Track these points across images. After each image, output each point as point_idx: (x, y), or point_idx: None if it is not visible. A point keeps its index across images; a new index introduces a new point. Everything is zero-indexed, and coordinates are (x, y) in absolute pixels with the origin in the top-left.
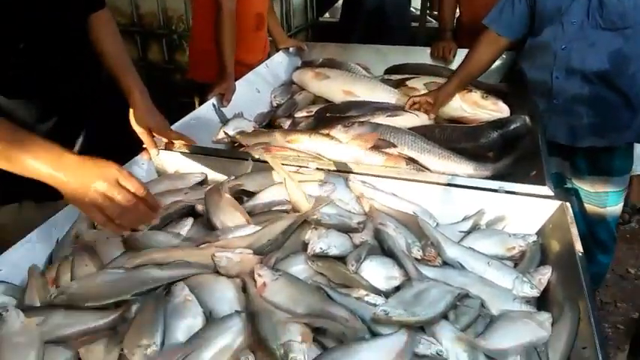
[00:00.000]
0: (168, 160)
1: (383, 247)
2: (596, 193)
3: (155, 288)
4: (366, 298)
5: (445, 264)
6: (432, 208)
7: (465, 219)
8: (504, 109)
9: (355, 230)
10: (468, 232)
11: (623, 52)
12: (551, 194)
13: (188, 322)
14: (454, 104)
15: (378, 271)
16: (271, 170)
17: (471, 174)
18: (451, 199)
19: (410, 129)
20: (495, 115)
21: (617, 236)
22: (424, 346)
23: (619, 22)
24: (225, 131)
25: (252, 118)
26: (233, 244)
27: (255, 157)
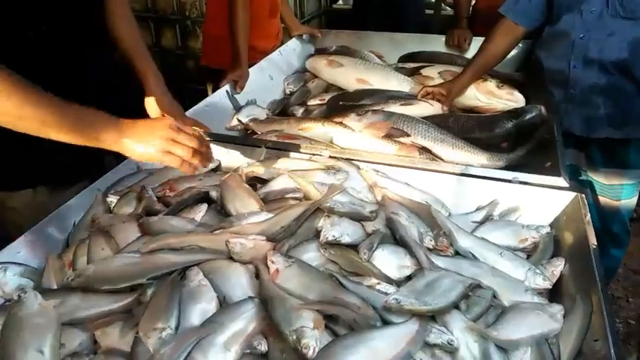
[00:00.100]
0: None
1: (395, 236)
2: (611, 185)
3: (170, 272)
4: (378, 286)
5: (457, 254)
6: (445, 198)
7: (478, 209)
8: (520, 98)
9: (367, 219)
10: (480, 223)
11: None
12: (567, 185)
13: (202, 307)
14: (469, 93)
15: (389, 260)
16: (284, 157)
17: (485, 164)
18: (464, 189)
19: (424, 118)
20: (510, 105)
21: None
22: (435, 336)
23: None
24: (239, 118)
25: (265, 105)
26: (247, 230)
27: (269, 145)
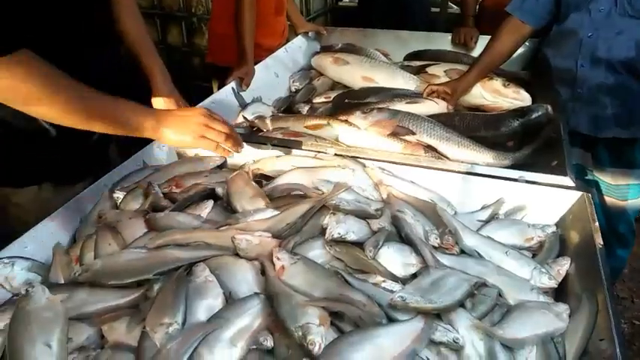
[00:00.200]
0: None
1: (400, 234)
2: (617, 185)
3: (176, 268)
4: (383, 284)
5: (463, 252)
6: (451, 196)
7: (484, 208)
8: (526, 97)
9: (373, 216)
10: (486, 222)
11: None
12: (573, 185)
13: (209, 302)
14: (475, 92)
15: (395, 258)
16: (289, 155)
17: (491, 163)
18: (470, 187)
19: (429, 116)
20: (516, 104)
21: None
22: (441, 333)
23: None
24: (244, 115)
25: (270, 102)
26: (253, 227)
27: (274, 142)
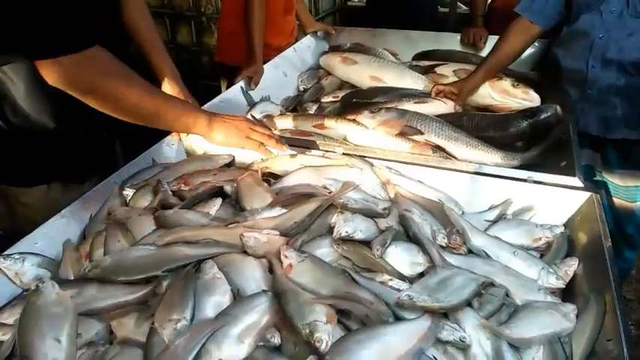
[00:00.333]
0: (197, 142)
1: (408, 234)
2: (626, 187)
3: (185, 265)
4: (390, 282)
5: (470, 252)
6: (459, 196)
7: (492, 208)
8: (535, 98)
9: (380, 215)
10: (494, 222)
11: None
12: (581, 185)
13: (217, 299)
14: (483, 92)
15: (402, 257)
16: (298, 154)
17: (499, 163)
18: (478, 188)
19: (437, 116)
20: (525, 104)
21: None
22: (447, 332)
23: None
24: (252, 114)
25: (278, 101)
26: (261, 224)
27: (282, 141)
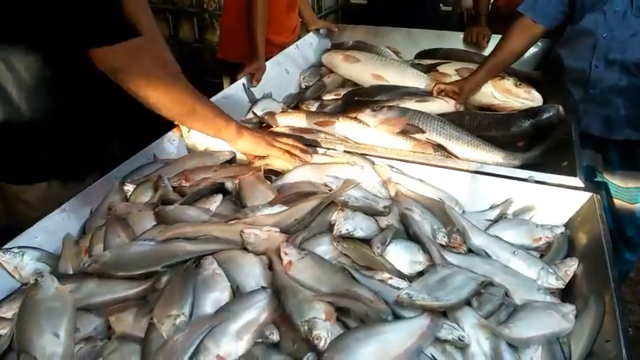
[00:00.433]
0: (198, 138)
1: (408, 232)
2: (627, 188)
3: (185, 261)
4: (390, 281)
5: (470, 251)
6: (459, 195)
7: (493, 207)
8: (537, 97)
9: (381, 214)
10: (494, 221)
11: None
12: (582, 186)
13: (216, 295)
14: (486, 91)
15: (402, 255)
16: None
17: (500, 163)
18: (479, 187)
19: (439, 115)
20: (528, 104)
21: None
22: (446, 331)
23: None
24: (254, 111)
25: (280, 99)
26: (261, 221)
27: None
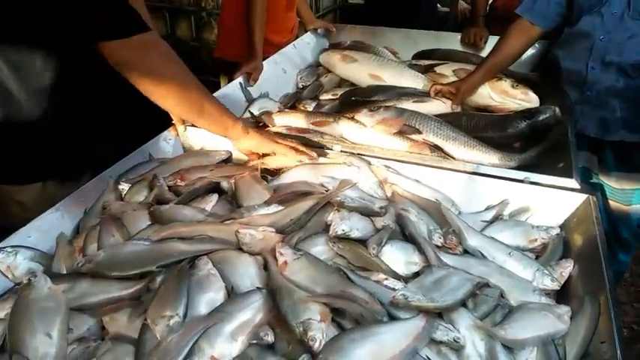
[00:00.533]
0: (194, 137)
1: (404, 233)
2: (622, 190)
3: (179, 261)
4: (386, 282)
5: (466, 252)
6: (455, 196)
7: (488, 208)
8: (534, 99)
9: (377, 214)
10: (490, 222)
11: None
12: (578, 187)
13: (211, 296)
14: (482, 92)
15: (398, 256)
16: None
17: (497, 164)
18: (475, 188)
19: (436, 116)
20: (524, 105)
21: None
22: (442, 332)
23: None
24: (251, 111)
25: (277, 98)
26: (257, 221)
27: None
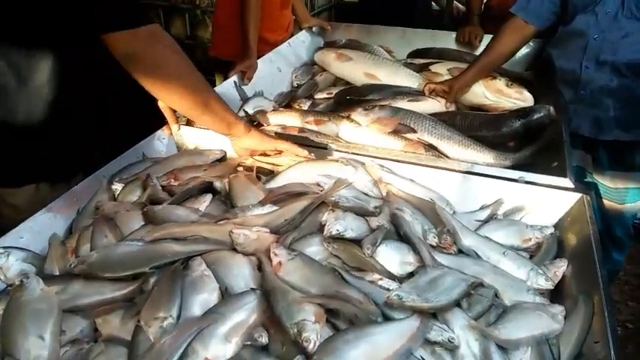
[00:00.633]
0: (188, 136)
1: (399, 233)
2: (616, 188)
3: (173, 262)
4: (380, 282)
5: (460, 252)
6: (450, 195)
7: (483, 208)
8: (528, 98)
9: (372, 214)
10: (485, 222)
11: None
12: (572, 186)
13: (204, 297)
14: (477, 91)
15: (392, 256)
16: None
17: (491, 163)
18: (469, 187)
19: (431, 115)
20: (519, 104)
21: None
22: (436, 333)
23: None
24: (245, 109)
25: (272, 97)
26: (251, 221)
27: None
